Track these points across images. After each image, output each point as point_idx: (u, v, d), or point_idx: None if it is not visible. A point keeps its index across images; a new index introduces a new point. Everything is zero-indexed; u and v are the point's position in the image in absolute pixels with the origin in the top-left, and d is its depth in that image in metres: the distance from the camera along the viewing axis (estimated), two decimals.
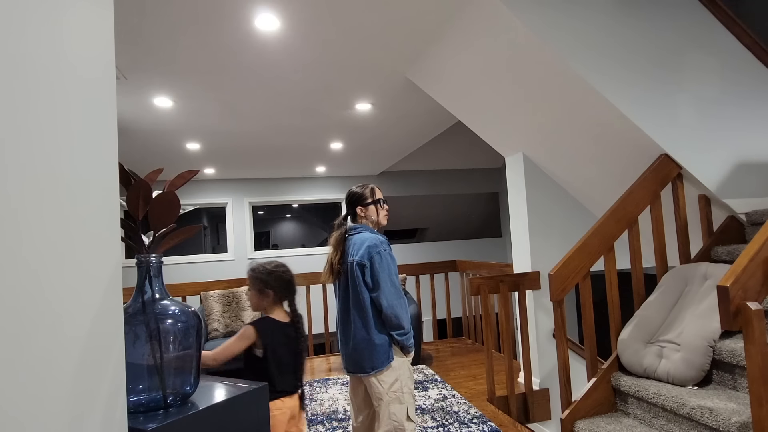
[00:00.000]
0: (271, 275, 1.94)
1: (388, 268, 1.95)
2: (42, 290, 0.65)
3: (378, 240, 2.00)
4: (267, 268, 1.96)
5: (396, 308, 1.92)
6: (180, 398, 0.97)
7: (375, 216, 2.14)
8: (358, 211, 2.14)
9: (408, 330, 1.96)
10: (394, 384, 1.95)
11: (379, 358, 1.94)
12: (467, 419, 2.83)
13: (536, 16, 2.24)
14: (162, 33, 2.51)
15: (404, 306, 1.95)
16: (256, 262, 2.00)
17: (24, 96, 0.65)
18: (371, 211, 2.14)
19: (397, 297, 1.93)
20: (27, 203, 0.64)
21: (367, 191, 2.16)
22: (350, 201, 2.17)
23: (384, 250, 1.98)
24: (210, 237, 11.72)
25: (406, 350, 1.99)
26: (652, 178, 2.42)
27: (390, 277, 1.94)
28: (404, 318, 1.94)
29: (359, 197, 2.15)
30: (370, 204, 2.14)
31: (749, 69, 2.60)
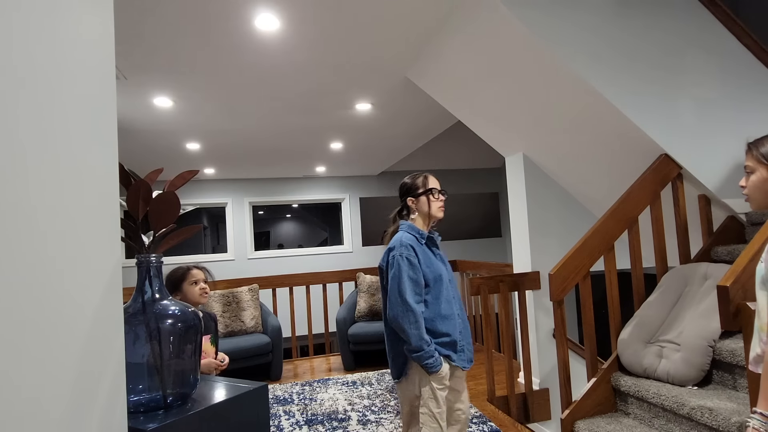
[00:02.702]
0: None
1: (399, 275, 1.79)
2: (42, 290, 0.65)
3: (401, 241, 1.85)
4: None
5: (400, 321, 1.76)
6: (180, 398, 0.97)
7: (426, 208, 1.94)
8: (409, 203, 1.96)
9: (417, 347, 1.74)
10: (412, 399, 1.84)
11: (396, 367, 1.86)
12: None
13: (536, 16, 2.24)
14: (162, 33, 2.51)
15: (412, 320, 1.75)
16: None
17: (24, 96, 0.65)
18: (422, 202, 1.94)
19: (403, 309, 1.75)
20: (27, 203, 0.64)
21: (418, 180, 1.96)
22: (401, 192, 2.00)
23: (401, 254, 1.82)
24: (210, 237, 11.72)
25: (426, 370, 1.77)
26: (652, 178, 2.42)
27: (399, 285, 1.78)
28: (410, 333, 1.74)
29: (409, 187, 1.97)
30: (421, 194, 1.94)
31: (749, 69, 2.60)
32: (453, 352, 1.84)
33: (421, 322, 1.77)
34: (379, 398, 3.29)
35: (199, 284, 2.09)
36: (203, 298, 2.09)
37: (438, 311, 1.83)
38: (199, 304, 2.11)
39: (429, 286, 1.84)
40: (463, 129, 4.88)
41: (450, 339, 1.83)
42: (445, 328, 1.82)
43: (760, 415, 1.02)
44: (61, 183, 0.69)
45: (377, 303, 4.42)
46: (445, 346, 1.82)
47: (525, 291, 3.15)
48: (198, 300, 2.08)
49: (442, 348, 1.82)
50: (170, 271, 2.09)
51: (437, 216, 1.96)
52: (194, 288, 2.08)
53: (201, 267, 2.14)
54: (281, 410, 3.18)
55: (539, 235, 3.29)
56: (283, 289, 4.79)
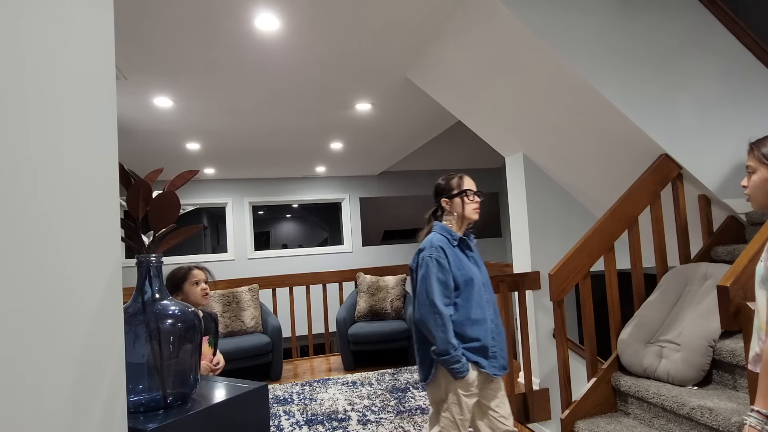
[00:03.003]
0: None
1: (427, 277, 1.75)
2: (42, 290, 0.65)
3: (431, 242, 1.82)
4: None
5: (427, 323, 1.72)
6: (180, 398, 0.97)
7: (461, 209, 1.89)
8: (443, 203, 1.92)
9: (443, 351, 1.70)
10: (438, 403, 1.80)
11: (423, 370, 1.82)
12: None
13: (536, 15, 2.24)
14: (162, 33, 2.51)
15: (440, 323, 1.71)
16: None
17: (24, 96, 0.65)
18: (456, 204, 1.89)
19: (430, 311, 1.72)
20: (27, 203, 0.64)
21: (453, 181, 1.92)
22: (435, 193, 1.96)
23: (430, 255, 1.78)
24: (210, 237, 11.72)
25: (452, 374, 1.72)
26: (652, 178, 2.42)
27: (427, 287, 1.74)
28: (437, 336, 1.70)
29: (443, 188, 1.93)
30: (455, 196, 1.89)
31: (749, 69, 2.60)
32: (483, 358, 1.78)
33: (448, 325, 1.72)
34: (379, 398, 3.29)
35: (201, 285, 2.08)
36: (205, 300, 2.09)
37: (468, 315, 1.78)
38: (201, 305, 2.10)
39: (459, 289, 1.80)
40: (463, 129, 4.88)
41: (480, 344, 1.77)
42: (475, 332, 1.77)
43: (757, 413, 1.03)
44: (61, 183, 0.69)
45: (377, 303, 4.42)
46: (474, 351, 1.77)
47: (525, 291, 3.15)
48: (199, 301, 2.07)
49: (471, 353, 1.76)
50: (171, 272, 2.08)
51: (472, 218, 1.91)
52: (196, 288, 2.07)
53: (202, 267, 2.14)
54: (281, 410, 3.18)
55: (539, 235, 3.29)
56: (283, 289, 4.79)
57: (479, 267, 1.91)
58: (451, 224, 1.91)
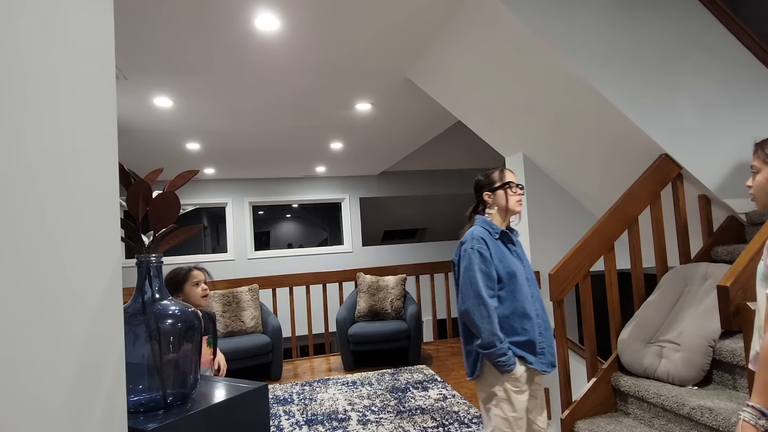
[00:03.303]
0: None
1: (470, 268, 1.72)
2: (42, 290, 0.65)
3: (473, 235, 1.79)
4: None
5: (472, 315, 1.68)
6: (180, 398, 0.97)
7: (504, 202, 1.86)
8: (485, 197, 1.89)
9: (489, 344, 1.66)
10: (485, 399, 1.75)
11: (469, 365, 1.79)
12: (467, 419, 2.83)
13: (536, 15, 2.24)
14: (162, 33, 2.51)
15: (485, 314, 1.67)
16: None
17: (24, 96, 0.65)
18: (500, 196, 1.86)
19: (476, 303, 1.68)
20: (27, 203, 0.64)
21: (494, 175, 1.90)
22: (476, 188, 1.93)
23: (472, 246, 1.75)
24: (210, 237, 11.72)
25: (497, 368, 1.69)
26: (652, 178, 2.42)
27: (471, 278, 1.71)
28: (482, 328, 1.67)
29: (485, 182, 1.90)
30: (498, 188, 1.87)
31: (749, 69, 2.60)
32: (530, 353, 1.75)
33: (494, 317, 1.69)
34: (379, 398, 3.29)
35: (201, 285, 2.09)
36: (204, 300, 2.09)
37: (514, 308, 1.74)
38: (201, 306, 2.10)
39: (502, 282, 1.77)
40: (463, 129, 4.88)
41: (527, 339, 1.74)
42: (521, 326, 1.73)
43: (752, 408, 1.04)
44: (61, 183, 0.69)
45: (377, 303, 4.42)
46: (520, 346, 1.73)
47: None
48: (199, 302, 2.08)
49: (517, 348, 1.73)
50: (171, 272, 2.08)
51: (516, 210, 1.88)
52: (196, 289, 2.07)
53: (201, 268, 2.14)
54: (281, 410, 3.18)
55: (539, 235, 3.29)
56: (283, 289, 4.79)
57: (523, 262, 1.88)
58: (494, 218, 1.89)
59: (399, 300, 4.44)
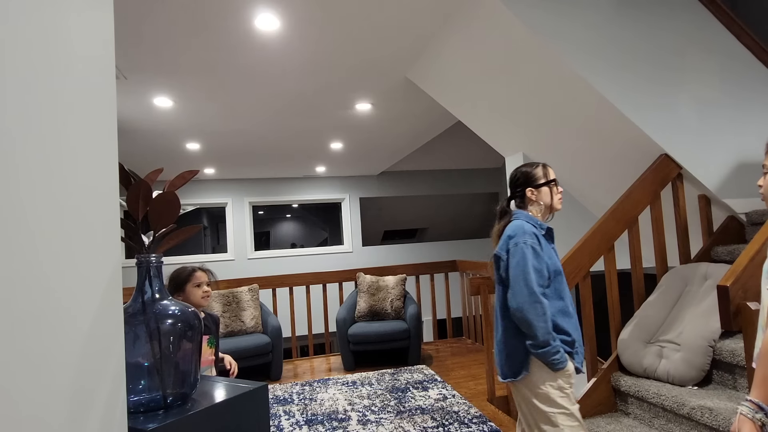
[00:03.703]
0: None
1: (523, 264, 1.65)
2: (42, 290, 0.65)
3: (523, 229, 1.71)
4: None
5: (526, 313, 1.61)
6: (180, 398, 0.97)
7: (548, 199, 1.81)
8: (528, 194, 1.81)
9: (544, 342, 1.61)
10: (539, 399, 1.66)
11: (511, 367, 1.70)
12: (467, 419, 2.83)
13: (536, 15, 2.24)
14: (162, 33, 2.51)
15: (540, 312, 1.62)
16: None
17: (24, 96, 0.65)
18: (544, 194, 1.80)
19: (530, 300, 1.61)
20: (26, 203, 0.64)
21: (538, 170, 1.82)
22: (518, 182, 1.85)
23: (525, 241, 1.67)
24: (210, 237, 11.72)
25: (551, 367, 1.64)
26: (652, 178, 2.42)
27: (524, 274, 1.64)
28: (537, 326, 1.61)
29: (529, 178, 1.82)
30: (542, 185, 1.80)
31: (749, 69, 2.60)
32: (574, 351, 1.73)
33: (548, 314, 1.64)
34: (379, 398, 3.29)
35: (203, 287, 2.09)
36: (205, 301, 2.09)
37: (560, 307, 1.71)
38: (201, 306, 2.10)
39: (550, 279, 1.72)
40: (463, 129, 4.88)
41: (570, 338, 1.70)
42: (567, 325, 1.70)
43: (750, 403, 1.06)
44: (60, 183, 0.69)
45: (377, 303, 4.42)
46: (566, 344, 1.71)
47: None
48: (200, 303, 2.07)
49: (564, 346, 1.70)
50: (175, 271, 2.08)
51: (557, 208, 1.84)
52: (198, 290, 2.07)
53: (206, 269, 2.14)
54: (281, 410, 3.18)
55: None
56: (283, 289, 4.79)
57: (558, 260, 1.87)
58: (535, 215, 1.83)
59: (399, 300, 4.44)
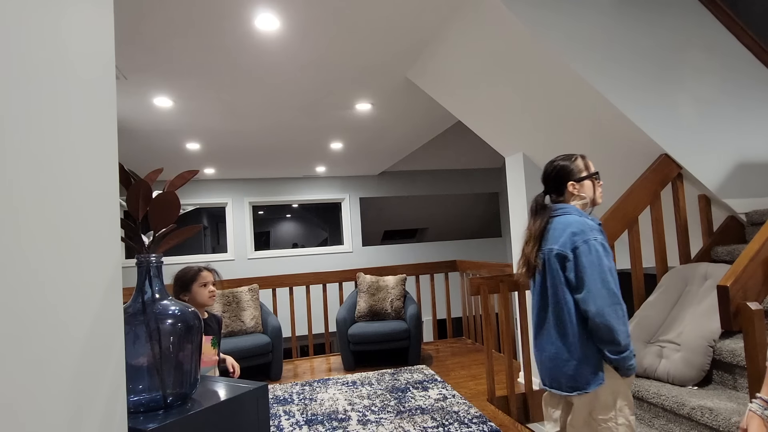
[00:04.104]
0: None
1: (599, 263, 1.52)
2: (42, 290, 0.65)
3: (587, 225, 1.58)
4: None
5: (608, 317, 1.48)
6: (180, 398, 0.97)
7: (591, 193, 1.70)
8: (570, 188, 1.68)
9: (625, 347, 1.51)
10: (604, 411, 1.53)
11: (583, 376, 1.53)
12: (467, 419, 2.83)
13: (536, 15, 2.24)
14: (162, 33, 2.51)
15: (620, 314, 1.51)
16: None
17: (24, 96, 0.65)
18: (587, 187, 1.68)
19: (610, 302, 1.50)
20: (27, 203, 0.64)
21: (579, 162, 1.70)
22: (558, 175, 1.71)
23: (594, 238, 1.55)
24: (210, 237, 11.72)
25: (623, 372, 1.54)
26: (652, 178, 2.42)
27: (601, 275, 1.52)
28: (619, 330, 1.49)
29: (570, 170, 1.69)
30: (585, 178, 1.68)
31: (749, 69, 2.60)
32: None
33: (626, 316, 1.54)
34: (379, 398, 3.29)
35: (209, 287, 2.09)
36: (211, 301, 2.10)
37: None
38: (207, 306, 2.10)
39: None
40: (463, 129, 4.88)
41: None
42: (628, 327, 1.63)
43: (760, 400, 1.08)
44: (60, 183, 0.69)
45: (377, 303, 4.42)
46: None
47: (525, 291, 3.15)
48: (206, 302, 2.08)
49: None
50: (181, 271, 2.09)
51: (599, 202, 1.72)
52: (204, 290, 2.07)
53: (211, 269, 2.14)
54: (281, 410, 3.18)
55: None
56: (283, 289, 4.79)
57: None
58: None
59: (399, 300, 4.44)
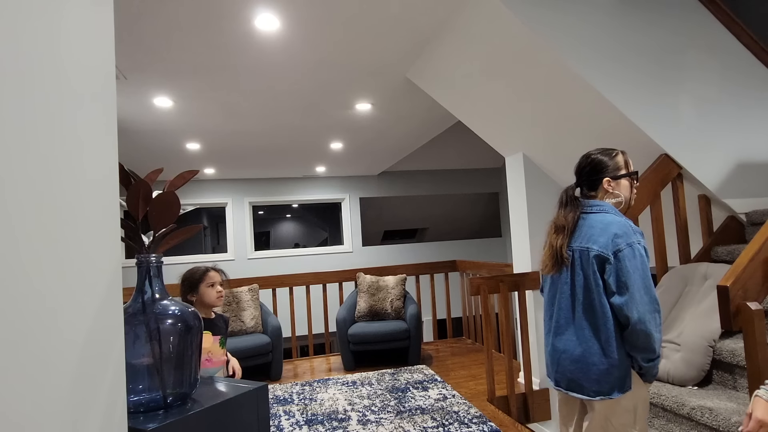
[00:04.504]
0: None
1: (643, 269, 1.45)
2: (42, 290, 0.65)
3: (629, 227, 1.50)
4: None
5: (648, 324, 1.42)
6: (180, 398, 0.97)
7: (628, 193, 1.61)
8: (605, 184, 1.59)
9: (658, 354, 1.47)
10: (623, 418, 1.49)
11: (609, 382, 1.48)
12: (467, 419, 2.83)
13: (536, 15, 2.24)
14: (162, 33, 2.51)
15: (659, 322, 1.46)
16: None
17: (23, 96, 0.65)
18: (624, 187, 1.60)
19: (651, 309, 1.44)
20: (26, 203, 0.64)
21: (619, 158, 1.61)
22: (594, 169, 1.62)
23: (639, 242, 1.47)
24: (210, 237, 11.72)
25: (647, 378, 1.51)
26: (652, 178, 2.42)
27: (645, 280, 1.45)
28: (656, 338, 1.44)
29: (607, 166, 1.60)
30: (623, 177, 1.59)
31: (749, 69, 2.60)
32: None
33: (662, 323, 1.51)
34: (379, 398, 3.29)
35: (216, 287, 2.09)
36: (219, 301, 2.10)
37: None
38: (215, 306, 2.11)
39: None
40: (463, 129, 4.88)
41: None
42: None
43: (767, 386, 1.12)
44: (60, 183, 0.69)
45: (377, 303, 4.42)
46: None
47: (525, 291, 3.15)
48: (214, 303, 2.08)
49: None
50: (188, 271, 2.09)
51: (632, 204, 1.64)
52: (211, 290, 2.08)
53: (218, 269, 2.15)
54: (281, 410, 3.18)
55: (539, 235, 3.29)
56: (283, 289, 4.80)
57: None
58: None
59: (399, 300, 4.44)
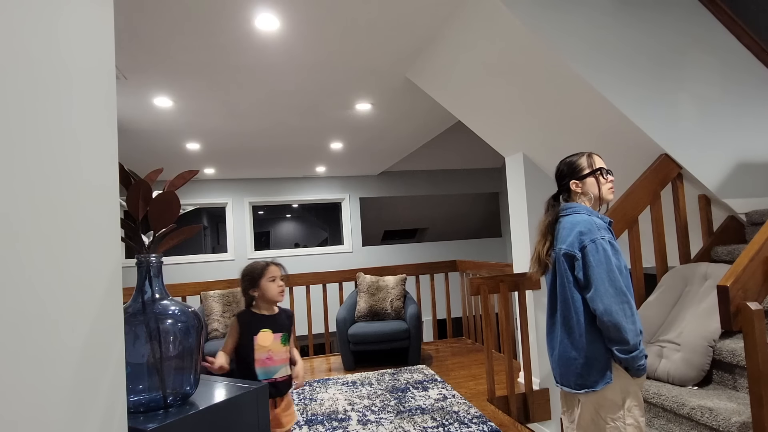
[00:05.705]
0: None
1: (606, 262, 1.52)
2: (42, 291, 0.65)
3: (594, 224, 1.58)
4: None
5: (615, 315, 1.48)
6: (180, 398, 0.97)
7: (596, 190, 1.69)
8: (573, 186, 1.71)
9: (634, 346, 1.49)
10: (612, 410, 1.52)
11: (590, 375, 1.53)
12: (467, 419, 2.83)
13: (536, 15, 2.24)
14: (162, 33, 2.51)
15: (629, 313, 1.50)
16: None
17: (24, 96, 0.65)
18: (590, 185, 1.69)
19: (618, 301, 1.49)
20: (27, 203, 0.64)
21: (582, 160, 1.72)
22: (561, 174, 1.77)
23: (601, 237, 1.55)
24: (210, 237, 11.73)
25: (633, 372, 1.53)
26: (652, 178, 2.42)
27: (608, 273, 1.51)
28: (627, 329, 1.48)
29: (572, 169, 1.73)
30: (587, 176, 1.70)
31: (749, 69, 2.60)
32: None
33: (636, 314, 1.53)
34: (379, 398, 3.29)
35: (277, 281, 2.07)
36: (281, 296, 2.06)
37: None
38: (277, 301, 2.08)
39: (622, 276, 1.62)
40: (463, 129, 4.88)
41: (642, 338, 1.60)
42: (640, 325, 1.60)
43: None
44: (61, 183, 0.69)
45: (377, 303, 4.42)
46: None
47: (525, 291, 3.15)
48: (276, 297, 2.05)
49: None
50: (248, 267, 2.07)
51: (608, 199, 1.71)
52: (273, 285, 2.04)
53: (278, 264, 2.12)
54: None
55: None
56: None
57: None
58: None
59: (399, 300, 4.44)
